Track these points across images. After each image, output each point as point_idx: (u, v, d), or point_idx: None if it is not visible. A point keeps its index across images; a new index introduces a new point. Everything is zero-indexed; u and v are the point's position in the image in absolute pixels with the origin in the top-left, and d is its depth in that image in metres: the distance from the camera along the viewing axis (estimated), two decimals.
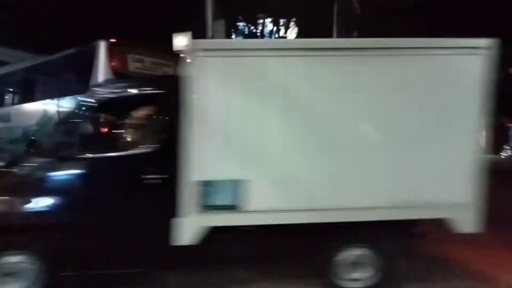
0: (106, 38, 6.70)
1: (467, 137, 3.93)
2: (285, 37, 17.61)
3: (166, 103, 4.04)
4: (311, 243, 4.00)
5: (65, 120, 4.92)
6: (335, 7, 16.23)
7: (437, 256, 5.03)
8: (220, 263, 4.09)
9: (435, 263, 4.86)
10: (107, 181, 3.90)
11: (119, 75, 6.38)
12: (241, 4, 17.46)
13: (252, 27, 18.55)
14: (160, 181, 3.83)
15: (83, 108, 4.21)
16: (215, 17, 15.67)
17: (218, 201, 3.66)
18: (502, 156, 18.93)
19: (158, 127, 4.23)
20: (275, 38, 17.94)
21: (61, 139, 4.08)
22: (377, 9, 20.64)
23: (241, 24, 18.30)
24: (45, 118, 7.41)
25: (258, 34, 18.25)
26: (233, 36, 19.65)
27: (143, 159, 3.97)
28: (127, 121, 4.52)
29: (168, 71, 7.14)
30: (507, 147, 19.02)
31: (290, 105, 3.73)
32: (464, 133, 3.92)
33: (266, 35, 18.03)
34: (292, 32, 19.24)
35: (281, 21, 18.97)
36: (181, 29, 4.00)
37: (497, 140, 21.32)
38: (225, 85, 3.66)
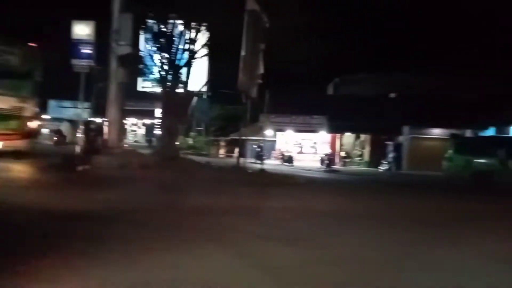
0: None
1: None
2: (195, 41, 17.56)
3: None
4: None
5: None
6: (245, 17, 16.76)
7: None
8: None
9: None
10: None
11: None
12: (152, 1, 16.86)
13: (162, 26, 18.08)
14: None
15: None
16: (122, 10, 14.81)
17: None
18: (380, 170, 21.74)
19: None
20: (185, 40, 17.76)
21: None
22: (286, 25, 21.93)
23: (150, 22, 17.70)
24: None
25: (168, 34, 17.85)
26: (141, 33, 18.89)
27: None
28: None
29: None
30: (384, 162, 21.93)
31: None
32: None
33: (176, 36, 17.72)
34: (203, 37, 19.25)
35: (192, 24, 18.86)
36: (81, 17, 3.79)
37: (374, 155, 24.54)
38: None
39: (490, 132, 22.56)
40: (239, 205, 8.10)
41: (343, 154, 26.12)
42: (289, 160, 23.60)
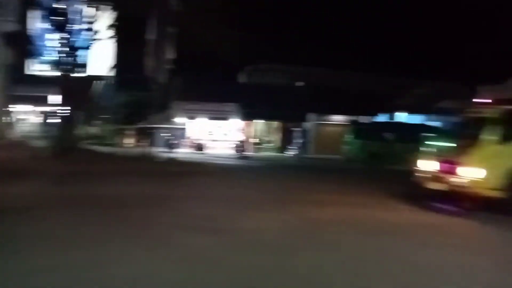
0: None
1: None
2: (95, 21, 16.18)
3: None
4: None
5: None
6: None
7: None
8: None
9: None
10: None
11: None
12: None
13: (56, 2, 16.21)
14: None
15: None
16: None
17: None
18: (287, 155, 22.85)
19: None
20: (84, 20, 16.25)
21: None
22: (197, 8, 21.30)
23: None
24: None
25: (64, 11, 16.10)
26: (31, 9, 16.84)
27: None
28: None
29: None
30: (290, 148, 23.07)
31: None
32: None
33: (73, 14, 16.08)
34: (108, 17, 17.86)
35: (95, 3, 17.36)
36: None
37: (284, 141, 25.73)
38: None
39: (383, 118, 25.09)
40: (144, 195, 7.82)
41: (254, 141, 26.76)
42: (200, 147, 23.40)
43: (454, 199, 7.48)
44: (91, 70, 17.94)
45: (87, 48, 16.66)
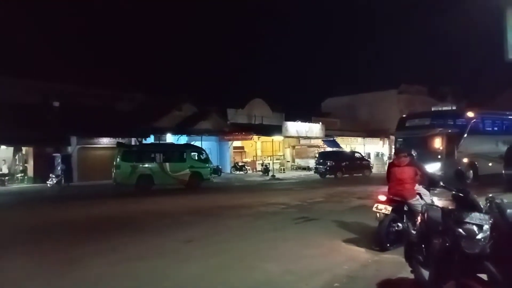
0: None
1: None
2: None
3: None
4: None
5: None
6: None
7: None
8: None
9: None
10: None
11: None
12: None
13: None
14: None
15: None
16: None
17: None
18: (48, 184, 19.88)
19: None
20: None
21: None
22: None
23: None
24: None
25: None
26: None
27: None
28: None
29: None
30: (53, 176, 20.25)
31: None
32: None
33: None
34: None
35: None
36: None
37: (40, 169, 22.30)
38: None
39: (151, 139, 25.70)
40: None
41: (0, 171, 21.97)
42: None
43: None
44: None
45: None
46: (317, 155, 29.01)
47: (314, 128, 33.39)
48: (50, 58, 29.69)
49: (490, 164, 17.96)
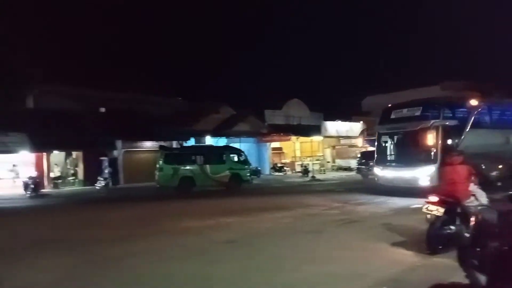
0: None
1: None
2: None
3: None
4: None
5: None
6: None
7: None
8: None
9: None
10: None
11: None
12: None
13: None
14: None
15: None
16: None
17: None
18: (97, 187, 20.88)
19: None
20: None
21: None
22: None
23: None
24: None
25: None
26: None
27: None
28: None
29: None
30: (100, 179, 21.23)
31: None
32: None
33: None
34: None
35: None
36: None
37: (89, 173, 23.48)
38: None
39: (191, 142, 26.28)
40: None
41: (53, 175, 23.37)
42: None
43: None
44: None
45: None
46: (359, 155, 28.23)
47: (355, 128, 32.58)
48: (95, 67, 31.34)
49: (500, 166, 13.63)
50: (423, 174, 12.60)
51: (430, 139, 12.92)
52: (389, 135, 14.97)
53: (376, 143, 15.86)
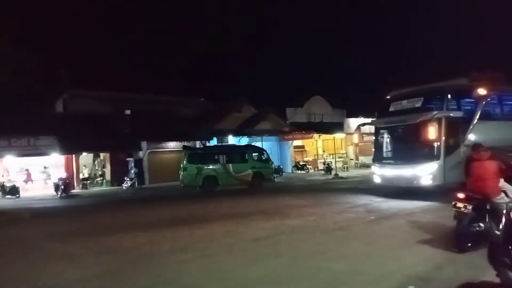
0: None
1: None
2: None
3: None
4: None
5: None
6: None
7: None
8: None
9: None
10: None
11: None
12: None
13: None
14: None
15: None
16: None
17: None
18: (124, 187, 21.49)
19: None
20: None
21: None
22: None
23: None
24: None
25: None
26: None
27: None
28: None
29: None
30: (127, 179, 21.84)
31: None
32: None
33: None
34: None
35: None
36: None
37: (116, 173, 24.17)
38: None
39: (214, 142, 26.59)
40: None
41: (82, 176, 24.20)
42: (12, 191, 19.64)
43: None
44: None
45: None
46: None
47: None
48: (119, 70, 32.14)
49: None
50: (426, 172, 11.51)
51: (433, 132, 11.60)
52: (387, 129, 13.53)
53: (373, 139, 14.68)
